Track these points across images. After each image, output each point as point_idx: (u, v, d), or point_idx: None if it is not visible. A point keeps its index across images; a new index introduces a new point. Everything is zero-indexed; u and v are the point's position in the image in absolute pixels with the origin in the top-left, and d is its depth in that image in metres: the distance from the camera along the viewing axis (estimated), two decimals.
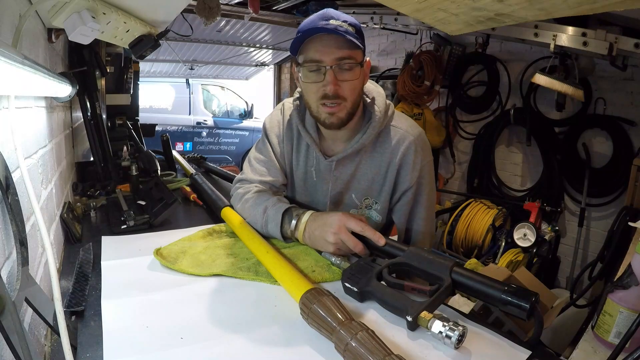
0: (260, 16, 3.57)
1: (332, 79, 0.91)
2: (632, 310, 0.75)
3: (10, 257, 0.56)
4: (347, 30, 0.89)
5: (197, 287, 0.75)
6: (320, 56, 0.91)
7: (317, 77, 0.93)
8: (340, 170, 1.05)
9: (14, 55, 0.46)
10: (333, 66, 0.91)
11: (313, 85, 0.95)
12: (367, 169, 1.05)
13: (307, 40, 0.91)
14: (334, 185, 1.07)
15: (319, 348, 0.57)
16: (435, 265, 0.70)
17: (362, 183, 1.06)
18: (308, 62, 0.93)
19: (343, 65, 0.91)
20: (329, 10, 0.93)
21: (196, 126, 6.94)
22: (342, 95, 0.93)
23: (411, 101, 3.43)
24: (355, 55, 0.92)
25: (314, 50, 0.91)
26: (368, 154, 1.04)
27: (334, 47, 0.90)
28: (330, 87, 0.92)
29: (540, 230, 2.63)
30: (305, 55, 0.93)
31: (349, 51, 0.91)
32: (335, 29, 0.87)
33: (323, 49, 0.90)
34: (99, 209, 1.25)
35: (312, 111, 1.00)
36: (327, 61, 0.91)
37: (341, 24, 0.89)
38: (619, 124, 2.50)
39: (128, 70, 2.61)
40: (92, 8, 0.86)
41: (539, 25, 2.23)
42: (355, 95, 0.96)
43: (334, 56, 0.90)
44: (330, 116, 0.96)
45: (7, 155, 0.57)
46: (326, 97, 0.93)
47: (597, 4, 0.72)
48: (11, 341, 0.40)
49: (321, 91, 0.93)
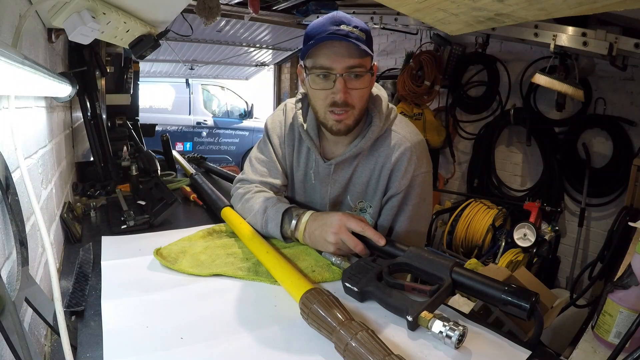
0: (260, 16, 3.57)
1: (343, 87, 0.90)
2: (632, 310, 0.75)
3: (10, 257, 0.56)
4: (358, 36, 0.87)
5: (197, 287, 0.75)
6: (330, 63, 0.89)
7: (326, 84, 0.92)
8: (338, 173, 1.05)
9: (14, 55, 0.46)
10: (344, 74, 0.89)
11: (322, 92, 0.93)
12: (363, 173, 1.04)
13: (317, 46, 0.89)
14: (333, 188, 1.06)
15: (319, 348, 0.57)
16: (436, 265, 0.70)
17: (357, 186, 1.05)
18: (317, 68, 0.91)
19: (353, 73, 0.90)
20: (339, 13, 0.92)
21: (196, 126, 6.94)
22: (351, 103, 0.92)
23: (411, 101, 3.43)
24: (365, 63, 0.91)
25: (325, 57, 0.89)
26: (365, 158, 1.03)
27: (346, 55, 0.88)
28: (340, 96, 0.90)
29: (540, 230, 2.63)
30: (315, 61, 0.91)
31: (360, 59, 0.89)
32: (347, 36, 0.86)
33: (334, 56, 0.88)
34: (99, 209, 1.25)
35: (319, 117, 0.99)
36: (338, 69, 0.89)
37: (352, 29, 0.87)
38: (619, 124, 2.50)
39: (128, 70, 2.62)
40: (92, 8, 0.86)
41: (539, 25, 2.23)
42: (364, 102, 0.96)
43: (345, 64, 0.88)
44: (338, 123, 0.95)
45: (7, 155, 0.57)
46: (335, 105, 0.92)
47: (597, 4, 0.72)
48: (11, 341, 0.40)
49: (330, 98, 0.92)
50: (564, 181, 2.82)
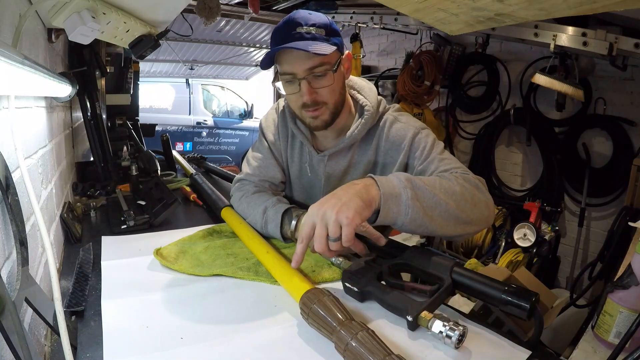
0: (260, 16, 3.57)
1: (307, 88, 0.91)
2: (632, 310, 0.75)
3: (10, 257, 0.56)
4: (315, 35, 0.88)
5: (197, 287, 0.75)
6: (291, 68, 0.90)
7: (293, 88, 0.94)
8: (332, 165, 1.06)
9: (14, 55, 0.46)
10: (306, 77, 0.90)
11: (292, 96, 0.96)
12: (360, 163, 1.05)
13: (278, 52, 0.90)
14: (327, 180, 1.08)
15: (319, 348, 0.57)
16: (436, 265, 0.70)
17: (356, 177, 1.06)
18: (282, 74, 0.93)
19: (316, 73, 0.90)
20: (297, 13, 0.91)
21: (196, 126, 6.95)
22: (320, 101, 0.94)
23: (411, 101, 3.43)
24: (327, 60, 0.90)
25: (286, 63, 0.91)
26: (359, 148, 1.05)
27: (304, 58, 0.88)
28: (307, 97, 0.92)
29: (540, 230, 2.63)
30: (280, 67, 0.93)
31: (320, 58, 0.89)
32: (301, 38, 0.87)
33: (293, 60, 0.89)
34: (99, 209, 1.25)
35: (298, 117, 1.02)
36: (299, 72, 0.90)
37: (309, 29, 0.88)
38: (619, 124, 2.50)
39: (128, 70, 2.62)
40: (92, 8, 0.86)
41: (539, 25, 2.22)
42: (336, 96, 0.96)
43: (305, 67, 0.89)
44: (314, 120, 0.97)
45: (7, 155, 0.57)
46: (305, 106, 0.94)
47: (597, 4, 0.72)
48: (11, 341, 0.40)
49: (300, 101, 0.94)
50: (564, 181, 2.82)
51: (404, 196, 0.73)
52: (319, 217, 0.69)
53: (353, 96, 1.06)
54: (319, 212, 0.70)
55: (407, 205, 0.73)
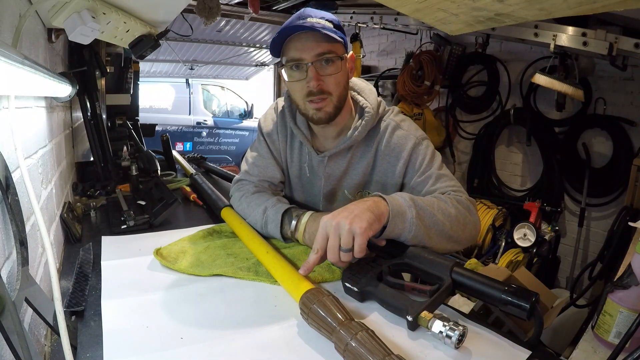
0: (260, 16, 3.57)
1: (315, 74, 0.92)
2: (632, 310, 0.75)
3: (10, 257, 0.56)
4: (324, 26, 0.90)
5: (197, 287, 0.75)
6: (300, 54, 0.92)
7: (299, 75, 0.95)
8: (332, 166, 1.06)
9: (14, 55, 0.46)
10: (314, 62, 0.92)
11: (297, 84, 0.96)
12: (358, 164, 1.06)
13: (286, 41, 0.93)
14: (327, 181, 1.08)
15: (319, 348, 0.57)
16: (436, 265, 0.70)
17: (354, 178, 1.06)
18: (290, 62, 0.94)
19: (324, 59, 0.93)
20: (307, 9, 0.95)
21: (196, 126, 6.95)
22: (326, 90, 0.95)
23: (411, 101, 3.43)
24: (335, 49, 0.94)
25: (294, 49, 0.93)
26: (359, 150, 1.05)
27: (313, 43, 0.91)
28: (314, 83, 0.93)
29: (540, 230, 2.63)
30: (287, 56, 0.95)
31: (328, 45, 0.92)
32: (312, 26, 0.89)
33: (302, 46, 0.92)
34: (99, 209, 1.25)
35: (300, 109, 1.02)
36: (308, 58, 0.92)
37: (318, 20, 0.91)
38: (619, 124, 2.50)
39: (128, 70, 2.62)
40: (92, 8, 0.86)
41: (539, 25, 2.23)
42: (341, 89, 0.97)
43: (314, 52, 0.91)
44: (318, 112, 0.97)
45: (7, 155, 0.57)
46: (311, 94, 0.95)
47: (597, 4, 0.72)
48: (11, 341, 0.40)
49: (305, 88, 0.95)
50: (564, 181, 2.82)
51: (409, 214, 0.79)
52: (332, 228, 0.71)
53: (353, 97, 1.06)
54: (332, 222, 0.72)
55: (412, 222, 0.78)
